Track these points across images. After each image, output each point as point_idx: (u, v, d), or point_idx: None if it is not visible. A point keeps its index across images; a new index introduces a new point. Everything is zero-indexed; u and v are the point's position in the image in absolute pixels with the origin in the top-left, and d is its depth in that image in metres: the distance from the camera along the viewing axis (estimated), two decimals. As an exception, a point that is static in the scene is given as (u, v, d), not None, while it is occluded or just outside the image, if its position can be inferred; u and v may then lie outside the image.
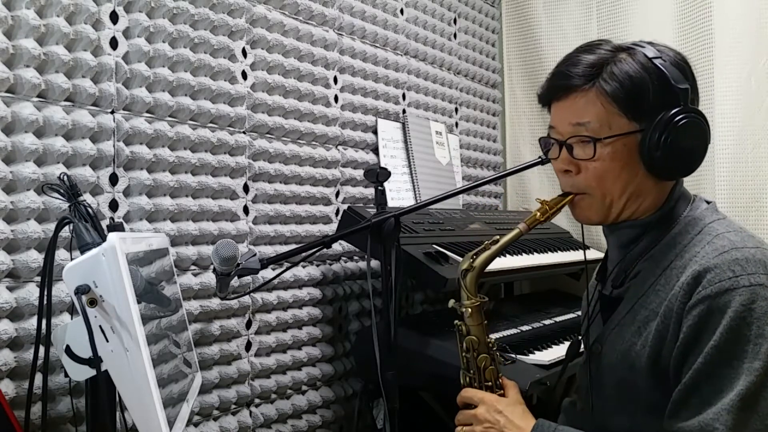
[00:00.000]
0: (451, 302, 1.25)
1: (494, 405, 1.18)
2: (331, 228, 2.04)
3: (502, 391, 1.24)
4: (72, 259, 1.06)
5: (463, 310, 1.23)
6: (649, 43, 1.13)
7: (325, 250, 1.82)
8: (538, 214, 1.19)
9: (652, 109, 1.08)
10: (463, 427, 1.21)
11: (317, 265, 2.00)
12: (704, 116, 1.10)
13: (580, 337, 1.33)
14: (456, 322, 1.26)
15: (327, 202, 2.05)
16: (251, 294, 1.77)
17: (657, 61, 1.08)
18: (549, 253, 2.31)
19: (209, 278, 1.66)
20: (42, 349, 1.21)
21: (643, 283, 1.14)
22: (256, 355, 1.81)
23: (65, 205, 1.16)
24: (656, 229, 1.15)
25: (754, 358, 0.98)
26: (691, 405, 1.01)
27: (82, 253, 1.04)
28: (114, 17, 1.49)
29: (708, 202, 1.18)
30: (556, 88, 1.16)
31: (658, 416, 1.07)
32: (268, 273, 1.76)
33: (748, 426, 0.97)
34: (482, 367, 1.23)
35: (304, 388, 1.95)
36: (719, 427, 0.97)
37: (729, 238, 1.07)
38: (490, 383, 1.24)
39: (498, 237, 1.22)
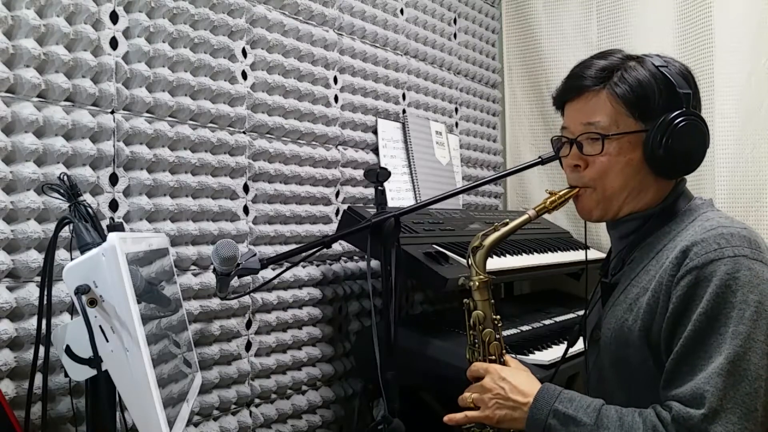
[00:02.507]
0: (461, 279, 1.34)
1: (498, 373, 1.24)
2: (331, 228, 2.04)
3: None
4: (72, 259, 1.06)
5: (471, 283, 1.31)
6: (657, 55, 1.22)
7: (325, 250, 1.82)
8: (547, 203, 1.28)
9: (657, 111, 1.16)
10: (471, 394, 1.26)
11: (317, 265, 2.00)
12: (703, 119, 1.18)
13: (577, 327, 1.38)
14: (465, 300, 1.33)
15: (327, 202, 2.05)
16: (251, 294, 1.77)
17: (663, 69, 1.17)
18: (549, 253, 2.31)
19: (209, 278, 1.66)
20: (42, 349, 1.21)
21: (636, 266, 1.21)
22: (256, 355, 1.81)
23: (65, 205, 1.16)
24: (655, 221, 1.22)
25: (739, 322, 1.03)
26: (683, 372, 1.06)
27: (82, 253, 1.04)
28: (114, 17, 1.49)
29: (705, 200, 1.25)
30: (570, 89, 1.24)
31: (653, 390, 1.11)
32: (268, 273, 1.76)
33: (737, 389, 1.01)
34: (487, 341, 1.30)
35: (304, 388, 1.95)
36: (710, 390, 1.01)
37: (718, 221, 1.14)
38: (494, 357, 1.30)
39: (508, 220, 1.30)
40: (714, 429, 1.00)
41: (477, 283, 1.30)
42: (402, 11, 2.41)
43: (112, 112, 1.48)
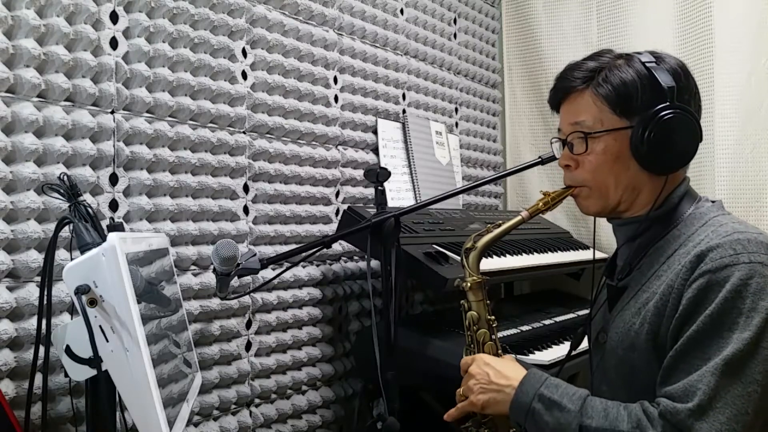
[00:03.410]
0: (456, 281, 1.35)
1: (483, 359, 1.25)
2: (331, 228, 2.04)
3: None
4: (72, 259, 1.06)
5: (465, 285, 1.31)
6: (650, 52, 1.21)
7: (325, 250, 1.82)
8: (541, 204, 1.28)
9: (641, 107, 1.16)
10: (461, 388, 1.27)
11: (317, 265, 2.00)
12: (690, 112, 1.16)
13: (581, 329, 1.38)
14: (461, 301, 1.34)
15: (327, 202, 2.05)
16: (251, 294, 1.77)
17: (650, 65, 1.17)
18: (549, 253, 2.31)
19: (209, 278, 1.66)
20: (42, 349, 1.21)
21: (646, 271, 1.20)
22: (256, 355, 1.81)
23: (65, 205, 1.16)
24: (662, 224, 1.21)
25: (745, 329, 1.02)
26: (679, 370, 1.06)
27: (82, 253, 1.04)
28: (114, 17, 1.49)
29: (713, 202, 1.23)
30: (558, 90, 1.26)
31: (655, 393, 1.10)
32: (268, 273, 1.76)
33: (729, 390, 1.01)
34: (481, 341, 1.31)
35: (304, 388, 1.95)
36: (701, 388, 1.01)
37: (733, 226, 1.12)
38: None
39: (501, 221, 1.31)
40: (700, 425, 1.00)
41: (470, 284, 1.31)
42: (402, 11, 2.41)
43: (112, 112, 1.48)
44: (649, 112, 1.14)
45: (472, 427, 1.30)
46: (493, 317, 1.32)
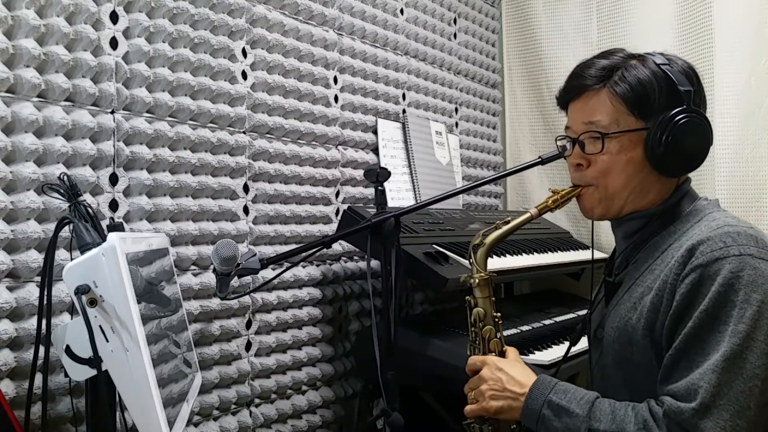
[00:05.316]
0: (463, 276, 1.35)
1: (496, 364, 1.26)
2: (331, 228, 2.04)
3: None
4: (72, 259, 1.06)
5: (472, 281, 1.32)
6: (661, 53, 1.22)
7: (325, 250, 1.82)
8: (550, 201, 1.29)
9: (658, 110, 1.16)
10: (471, 389, 1.27)
11: (317, 265, 2.00)
12: (705, 117, 1.18)
13: (579, 326, 1.39)
14: (467, 297, 1.34)
15: (327, 202, 2.05)
16: (251, 294, 1.77)
17: (664, 67, 1.17)
18: (549, 253, 2.31)
19: (209, 278, 1.66)
20: (42, 349, 1.21)
21: (641, 266, 1.21)
22: (256, 355, 1.81)
23: (65, 205, 1.16)
24: (659, 221, 1.22)
25: (739, 321, 1.03)
26: (679, 368, 1.07)
27: (82, 253, 1.04)
28: (114, 17, 1.49)
29: (711, 200, 1.25)
30: (572, 88, 1.25)
31: (655, 389, 1.11)
32: (268, 273, 1.76)
33: (732, 386, 1.02)
34: (487, 338, 1.31)
35: (304, 388, 1.95)
36: (704, 386, 1.02)
37: (724, 220, 1.14)
38: (494, 353, 1.31)
39: (509, 218, 1.31)
40: (704, 424, 1.00)
41: (477, 281, 1.31)
42: (402, 11, 2.41)
43: (112, 112, 1.48)
44: (667, 115, 1.15)
45: (475, 423, 1.30)
46: (498, 314, 1.32)
